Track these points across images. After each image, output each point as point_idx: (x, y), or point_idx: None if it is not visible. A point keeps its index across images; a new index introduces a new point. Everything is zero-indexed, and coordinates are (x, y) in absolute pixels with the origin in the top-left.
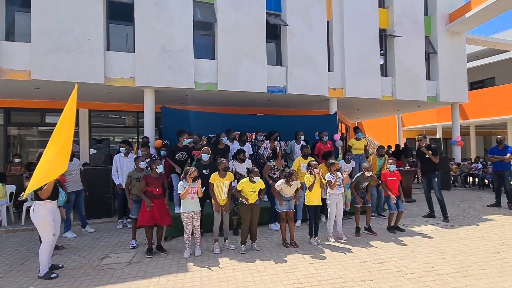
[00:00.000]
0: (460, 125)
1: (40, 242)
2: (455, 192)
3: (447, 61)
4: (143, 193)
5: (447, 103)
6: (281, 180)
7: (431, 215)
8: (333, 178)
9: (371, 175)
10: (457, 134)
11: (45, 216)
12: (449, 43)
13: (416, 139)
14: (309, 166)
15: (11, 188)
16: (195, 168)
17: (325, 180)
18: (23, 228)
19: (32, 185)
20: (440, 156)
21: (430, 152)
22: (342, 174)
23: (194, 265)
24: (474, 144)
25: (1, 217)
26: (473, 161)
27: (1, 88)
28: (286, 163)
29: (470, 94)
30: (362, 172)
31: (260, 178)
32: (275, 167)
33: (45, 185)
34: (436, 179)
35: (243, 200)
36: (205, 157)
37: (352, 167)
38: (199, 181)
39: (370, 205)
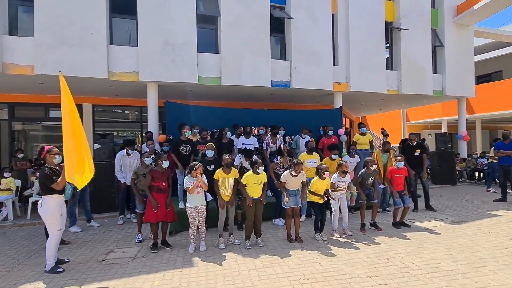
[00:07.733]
0: (466, 120)
1: (46, 236)
2: (460, 188)
3: (454, 54)
4: (148, 190)
5: (453, 97)
6: (286, 172)
7: (416, 206)
8: (339, 181)
9: (374, 169)
10: (463, 129)
11: (53, 210)
12: (457, 36)
13: (409, 138)
14: (319, 170)
15: (17, 183)
16: (200, 164)
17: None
18: (29, 222)
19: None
20: (444, 150)
21: (419, 150)
22: (348, 175)
23: (199, 260)
24: (480, 138)
25: (8, 212)
26: (478, 156)
27: (5, 83)
28: (291, 158)
29: (477, 88)
30: (367, 167)
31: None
32: (281, 164)
33: (58, 178)
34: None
35: (247, 199)
36: (210, 153)
37: (357, 162)
38: (203, 176)
39: (376, 201)
